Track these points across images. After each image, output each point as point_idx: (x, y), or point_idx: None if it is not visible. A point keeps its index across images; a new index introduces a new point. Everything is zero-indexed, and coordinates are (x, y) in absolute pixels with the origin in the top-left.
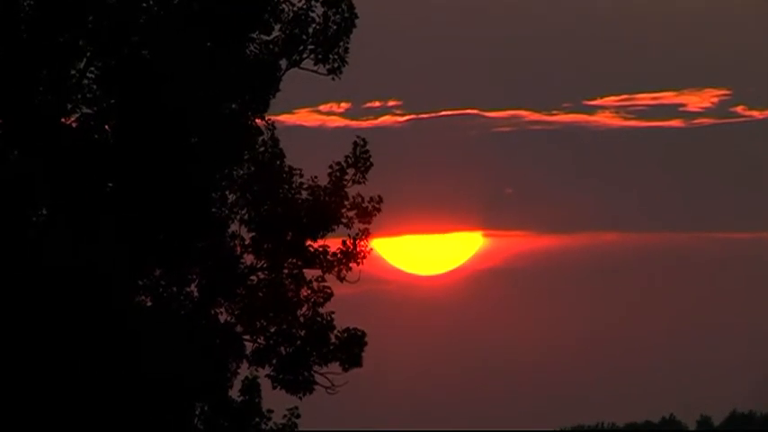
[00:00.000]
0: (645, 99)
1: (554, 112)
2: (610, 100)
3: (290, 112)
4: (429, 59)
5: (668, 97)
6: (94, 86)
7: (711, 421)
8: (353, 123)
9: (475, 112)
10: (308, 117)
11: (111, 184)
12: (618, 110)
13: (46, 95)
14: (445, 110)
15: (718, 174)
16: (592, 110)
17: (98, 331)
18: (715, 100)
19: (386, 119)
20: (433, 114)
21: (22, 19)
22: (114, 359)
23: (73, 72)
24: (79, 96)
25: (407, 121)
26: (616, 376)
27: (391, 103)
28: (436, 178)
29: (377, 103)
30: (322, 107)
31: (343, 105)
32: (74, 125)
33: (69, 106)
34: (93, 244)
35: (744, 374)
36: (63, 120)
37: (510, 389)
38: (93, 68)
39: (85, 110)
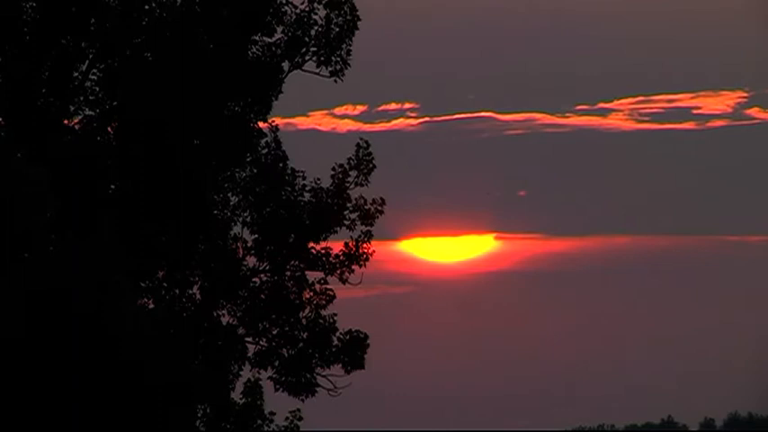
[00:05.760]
0: (660, 102)
1: (567, 114)
2: (625, 102)
3: (304, 114)
4: (444, 62)
5: (684, 99)
6: (97, 88)
7: (714, 423)
8: (366, 126)
9: (488, 114)
10: (322, 120)
11: (113, 186)
12: (632, 112)
13: (48, 97)
14: (459, 113)
15: (730, 177)
16: (605, 112)
17: (100, 333)
18: (731, 102)
19: (399, 122)
20: (446, 117)
21: (25, 21)
22: (117, 361)
23: (75, 74)
24: (82, 98)
25: (421, 123)
26: (617, 378)
27: (407, 106)
28: (449, 181)
29: (392, 105)
30: (337, 110)
31: (359, 108)
32: (76, 127)
33: (72, 108)
34: (95, 245)
35: (747, 376)
36: (66, 121)
37: (511, 390)
38: (95, 70)
39: (88, 111)
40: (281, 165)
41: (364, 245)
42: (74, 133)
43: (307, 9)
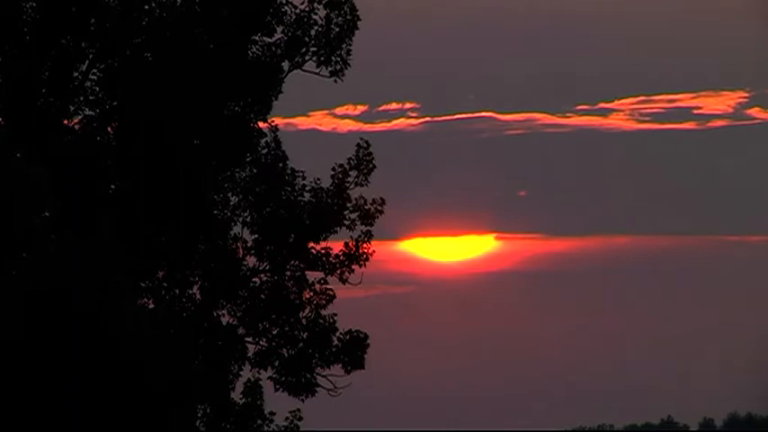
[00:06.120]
0: (661, 102)
1: (568, 114)
2: (626, 102)
3: (305, 114)
4: (444, 62)
5: (685, 99)
6: (97, 88)
7: (713, 423)
8: (367, 126)
9: (489, 114)
10: (323, 120)
11: (113, 186)
12: (632, 112)
13: (48, 97)
14: (460, 113)
15: (731, 177)
16: (606, 112)
17: (100, 333)
18: (732, 102)
19: (400, 122)
20: (447, 117)
21: (25, 21)
22: (117, 361)
23: (75, 74)
24: (81, 98)
25: (422, 123)
26: (617, 378)
27: (408, 106)
28: (449, 181)
29: (393, 105)
30: (337, 110)
31: (360, 108)
32: (76, 127)
33: (72, 108)
34: (95, 245)
35: (747, 376)
36: (66, 121)
37: (511, 390)
38: (95, 70)
39: (88, 112)
40: (280, 165)
41: (364, 245)
42: (74, 133)
43: (307, 9)
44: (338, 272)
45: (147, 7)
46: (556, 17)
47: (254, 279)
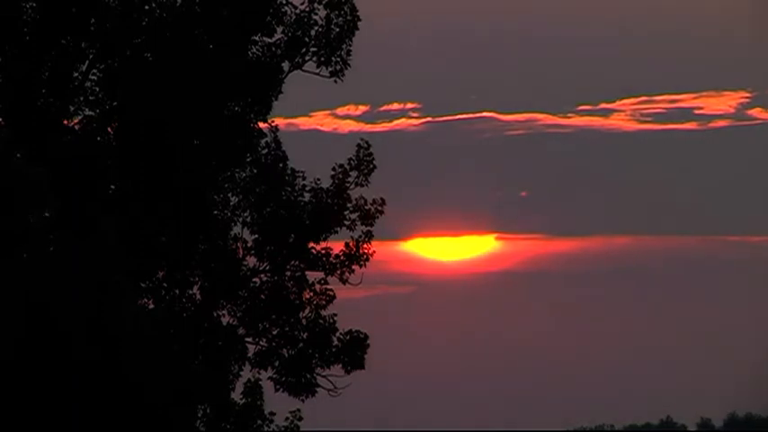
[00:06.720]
0: (662, 102)
1: (569, 115)
2: (627, 102)
3: (306, 114)
4: (446, 63)
5: (686, 100)
6: (97, 89)
7: (711, 423)
8: (368, 127)
9: (490, 114)
10: (324, 120)
11: (113, 187)
12: (634, 113)
13: (48, 97)
14: (461, 113)
15: (732, 177)
16: (607, 113)
17: (100, 333)
18: (733, 103)
19: (401, 122)
20: (448, 117)
21: (25, 21)
22: (116, 361)
23: (75, 74)
24: (81, 98)
25: (423, 123)
26: (617, 378)
27: (409, 106)
28: (450, 181)
29: (395, 106)
30: (339, 110)
31: (361, 108)
32: (76, 127)
33: (72, 108)
34: (95, 245)
35: (746, 376)
36: (66, 121)
37: (511, 391)
38: (95, 71)
39: (88, 112)
40: (281, 165)
41: (365, 245)
42: (74, 133)
43: (307, 9)
44: (338, 272)
45: (147, 7)
46: (557, 17)
47: (254, 279)
